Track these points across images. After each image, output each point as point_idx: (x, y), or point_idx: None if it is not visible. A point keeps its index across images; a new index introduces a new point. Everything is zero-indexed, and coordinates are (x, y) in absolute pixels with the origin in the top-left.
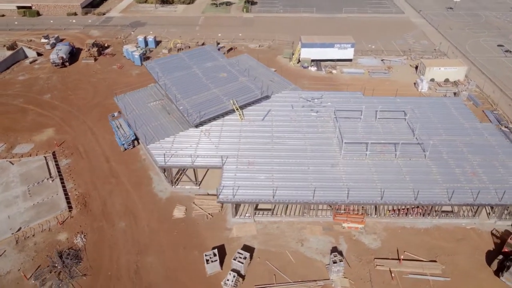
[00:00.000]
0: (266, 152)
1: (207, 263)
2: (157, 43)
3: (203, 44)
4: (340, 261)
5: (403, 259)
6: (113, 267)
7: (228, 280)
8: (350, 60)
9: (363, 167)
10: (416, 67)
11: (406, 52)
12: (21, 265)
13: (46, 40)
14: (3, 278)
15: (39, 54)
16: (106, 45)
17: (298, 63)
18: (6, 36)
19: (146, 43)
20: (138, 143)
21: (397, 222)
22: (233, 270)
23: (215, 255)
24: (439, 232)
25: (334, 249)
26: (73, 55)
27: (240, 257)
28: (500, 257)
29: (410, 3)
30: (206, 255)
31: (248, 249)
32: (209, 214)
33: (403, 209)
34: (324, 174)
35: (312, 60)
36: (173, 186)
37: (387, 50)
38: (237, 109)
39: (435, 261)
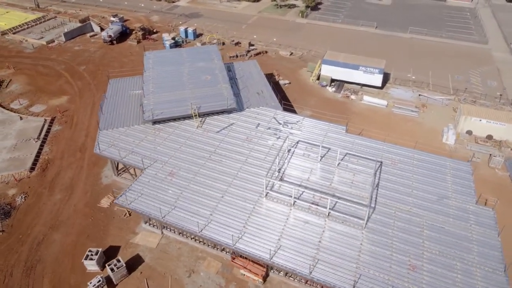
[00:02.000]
0: (194, 167)
1: (86, 259)
2: (198, 35)
3: (237, 43)
4: None
5: None
6: (26, 233)
7: (91, 282)
8: (379, 87)
9: (280, 214)
10: None
11: (457, 92)
12: None
13: (114, 19)
14: None
15: (102, 30)
16: (154, 30)
17: (317, 80)
18: (92, 11)
19: (186, 34)
20: None
21: None
22: (108, 276)
23: (96, 254)
24: None
25: None
26: (124, 35)
27: (115, 265)
28: None
29: (504, 31)
30: (89, 251)
31: (139, 260)
32: (128, 212)
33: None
34: (232, 209)
35: (334, 80)
36: (116, 175)
37: (436, 84)
38: (194, 115)
39: None
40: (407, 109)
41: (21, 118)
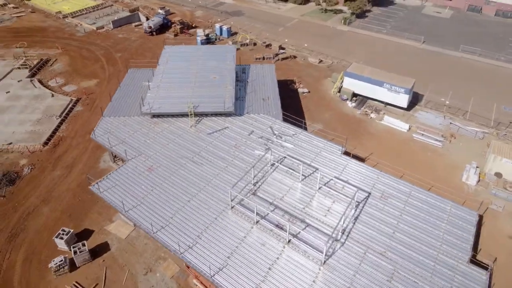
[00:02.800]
0: (173, 166)
1: (57, 237)
2: (232, 34)
3: (268, 45)
4: None
5: None
6: (21, 202)
7: (54, 261)
8: (405, 109)
9: (239, 231)
10: None
11: (499, 125)
12: None
13: (160, 11)
14: None
15: (148, 19)
16: (193, 25)
17: (338, 92)
18: (144, 1)
19: (221, 32)
20: None
21: None
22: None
23: (67, 234)
24: None
25: None
26: (165, 27)
27: (79, 248)
28: None
29: None
30: (62, 230)
31: (105, 248)
32: None
33: None
34: (193, 216)
35: (356, 95)
36: (112, 162)
37: (474, 113)
38: (190, 114)
39: None
40: (431, 137)
41: (52, 95)
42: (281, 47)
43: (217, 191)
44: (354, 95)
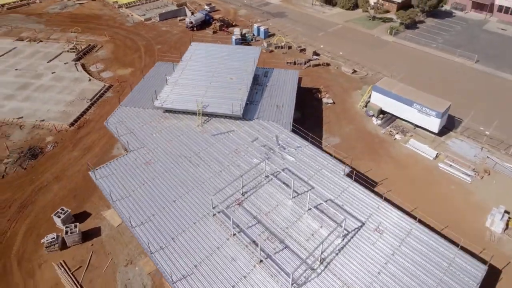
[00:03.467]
0: (170, 163)
1: (55, 214)
2: (269, 35)
3: (302, 50)
4: None
5: None
6: (37, 176)
7: (47, 237)
8: (435, 134)
9: (214, 240)
10: None
11: None
12: (13, 143)
13: (206, 7)
14: None
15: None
16: (234, 23)
17: (365, 107)
18: None
19: (258, 32)
20: None
21: None
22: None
23: (64, 213)
24: None
25: None
26: (206, 23)
27: (70, 229)
28: None
29: None
30: (61, 209)
31: (97, 233)
32: None
33: None
34: (173, 217)
35: (383, 112)
36: (123, 149)
37: None
38: (199, 113)
39: None
40: (460, 169)
41: (89, 80)
42: (315, 53)
43: (204, 195)
44: (382, 112)
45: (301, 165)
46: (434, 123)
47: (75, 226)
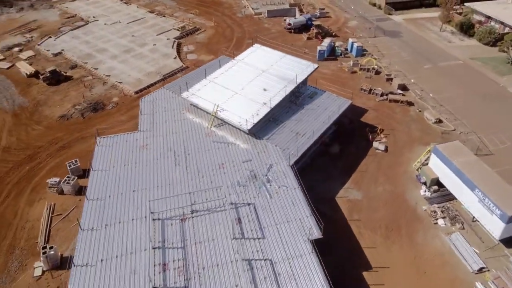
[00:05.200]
0: (158, 153)
1: (69, 163)
2: (363, 53)
3: (390, 79)
4: None
5: None
6: (86, 128)
7: (52, 179)
8: (497, 240)
9: (134, 240)
10: None
11: None
12: (91, 94)
13: (317, 13)
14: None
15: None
16: (333, 33)
17: (419, 169)
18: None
19: (352, 48)
20: None
21: None
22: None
23: (75, 165)
24: None
25: None
26: (306, 27)
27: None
28: None
29: None
30: (75, 160)
31: None
32: None
33: None
34: (116, 205)
35: (440, 184)
36: None
37: None
38: (213, 116)
39: None
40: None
41: (174, 58)
42: (402, 86)
43: (159, 195)
44: (438, 183)
45: (271, 209)
46: (496, 226)
47: (73, 179)
